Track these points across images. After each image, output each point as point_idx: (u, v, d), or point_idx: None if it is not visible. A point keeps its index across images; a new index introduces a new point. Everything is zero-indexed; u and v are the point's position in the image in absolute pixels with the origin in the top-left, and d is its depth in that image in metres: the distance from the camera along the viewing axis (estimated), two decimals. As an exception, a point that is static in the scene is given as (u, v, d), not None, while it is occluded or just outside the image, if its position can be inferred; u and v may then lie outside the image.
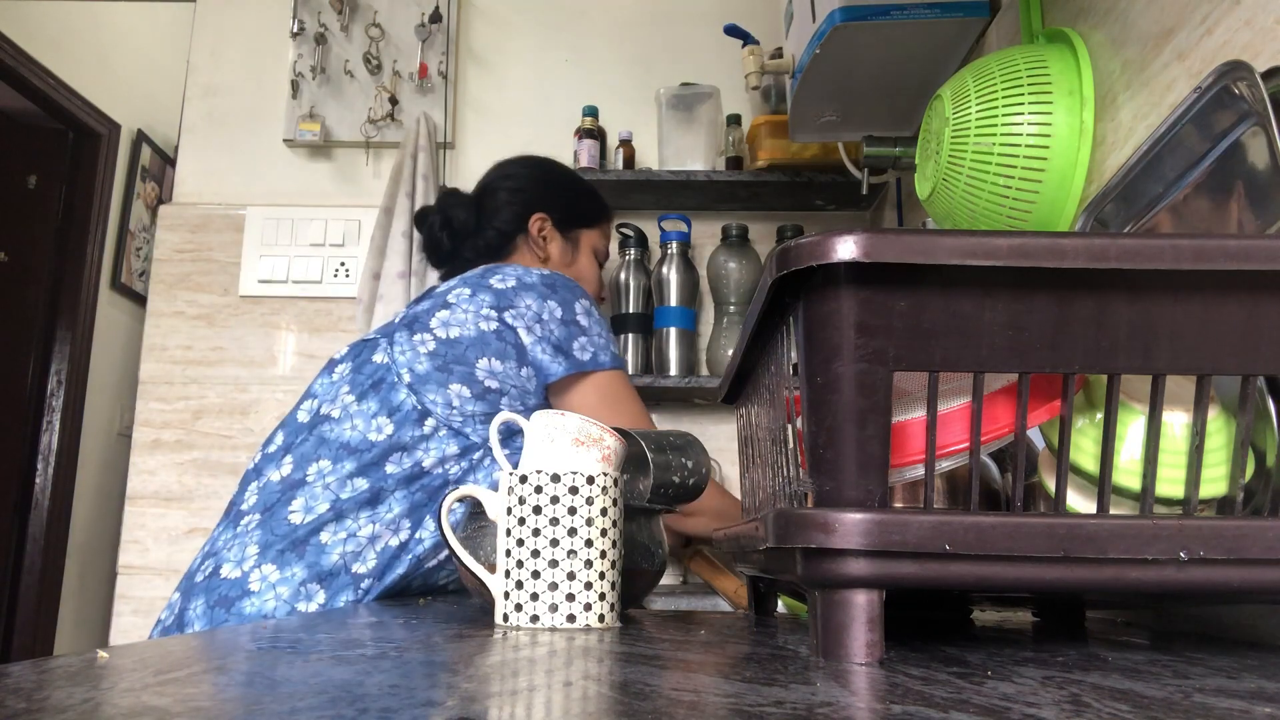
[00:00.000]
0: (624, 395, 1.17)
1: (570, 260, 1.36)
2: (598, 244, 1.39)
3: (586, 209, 1.39)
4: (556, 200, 1.36)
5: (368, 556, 1.00)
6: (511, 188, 1.39)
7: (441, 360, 1.08)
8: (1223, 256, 0.42)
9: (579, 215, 1.38)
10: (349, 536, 0.99)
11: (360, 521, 1.00)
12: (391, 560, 1.01)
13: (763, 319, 0.52)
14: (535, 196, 1.37)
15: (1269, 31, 0.63)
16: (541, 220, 1.34)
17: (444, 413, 1.06)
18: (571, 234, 1.36)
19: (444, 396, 1.06)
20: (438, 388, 1.07)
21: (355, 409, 1.06)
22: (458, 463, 1.05)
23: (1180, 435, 0.47)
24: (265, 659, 0.41)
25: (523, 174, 1.41)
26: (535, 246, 1.34)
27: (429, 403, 1.05)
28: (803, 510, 0.43)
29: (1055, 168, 0.87)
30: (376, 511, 1.01)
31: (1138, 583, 0.42)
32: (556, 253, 1.35)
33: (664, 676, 0.37)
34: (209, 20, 2.04)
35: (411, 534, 1.02)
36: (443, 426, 1.05)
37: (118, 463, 3.00)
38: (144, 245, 3.19)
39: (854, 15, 1.13)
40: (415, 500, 1.03)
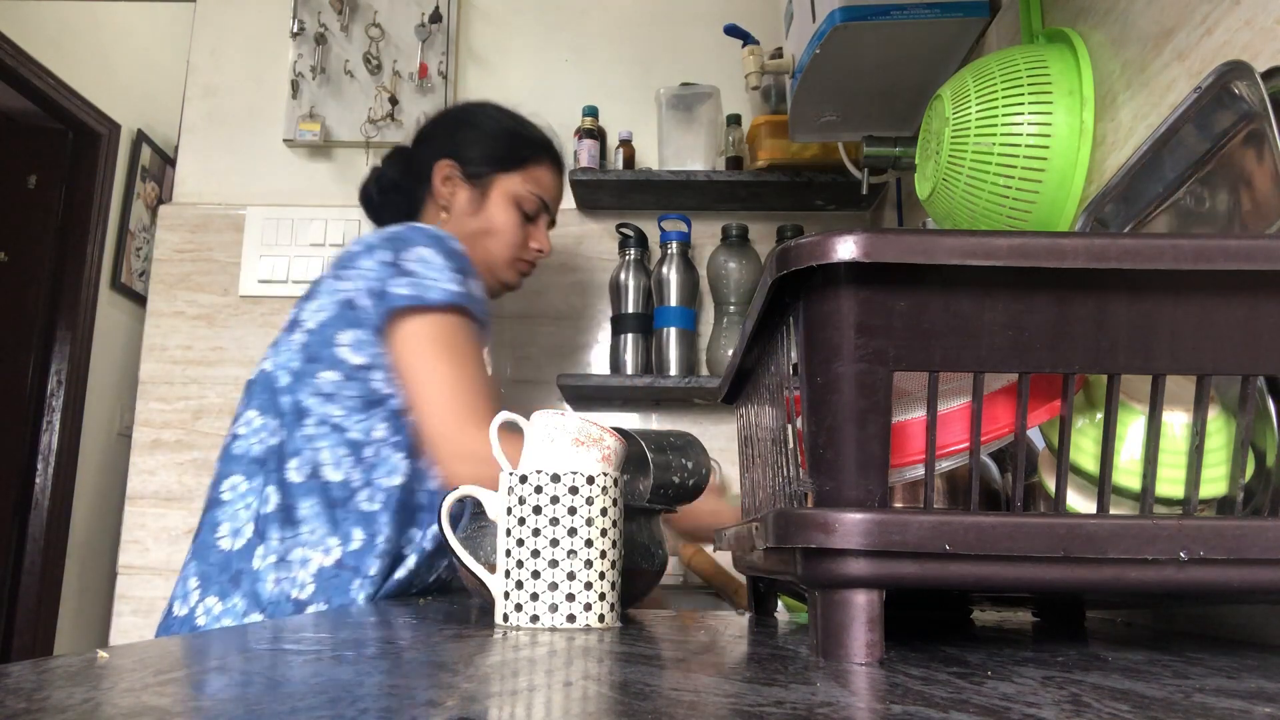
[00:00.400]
0: (447, 344, 1.01)
1: (475, 210, 1.21)
2: (519, 190, 1.22)
3: (502, 151, 1.23)
4: (465, 145, 1.22)
5: (303, 581, 0.96)
6: (421, 137, 1.27)
7: (311, 351, 1.04)
8: (1223, 256, 0.42)
9: (492, 158, 1.22)
10: (279, 561, 0.97)
11: (286, 543, 0.97)
12: (331, 581, 0.97)
13: (763, 319, 0.52)
14: (443, 144, 1.23)
15: (1269, 31, 0.63)
16: (447, 168, 1.22)
17: (321, 408, 1.01)
18: (481, 181, 1.22)
19: (314, 387, 1.02)
20: (310, 380, 1.03)
21: (256, 421, 1.04)
22: (355, 467, 1.01)
23: (1180, 435, 0.47)
24: (265, 659, 0.41)
25: (435, 121, 1.28)
26: (438, 198, 1.22)
27: (304, 402, 1.02)
28: (803, 510, 0.43)
29: (1055, 168, 0.87)
30: (298, 532, 0.98)
31: (1138, 583, 0.42)
32: (460, 203, 1.21)
33: (664, 676, 0.37)
34: (209, 20, 2.04)
35: (344, 549, 0.98)
36: (324, 424, 1.01)
37: (118, 463, 3.00)
38: (144, 245, 3.19)
39: (854, 15, 1.13)
40: (336, 517, 0.99)
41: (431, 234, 1.05)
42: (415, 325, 1.00)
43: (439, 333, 1.01)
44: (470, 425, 0.98)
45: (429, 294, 1.00)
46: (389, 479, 1.01)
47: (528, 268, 1.28)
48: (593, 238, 1.94)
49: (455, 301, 1.01)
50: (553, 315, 1.92)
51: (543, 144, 1.26)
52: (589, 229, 1.94)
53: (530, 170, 1.23)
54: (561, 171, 1.30)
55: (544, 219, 1.27)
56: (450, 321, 1.01)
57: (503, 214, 1.21)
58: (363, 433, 1.02)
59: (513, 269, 1.25)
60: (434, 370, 1.00)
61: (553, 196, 1.27)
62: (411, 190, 1.24)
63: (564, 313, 1.92)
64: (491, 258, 1.22)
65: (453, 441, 0.98)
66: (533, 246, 1.26)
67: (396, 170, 1.26)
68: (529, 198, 1.23)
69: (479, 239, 1.21)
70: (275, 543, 0.97)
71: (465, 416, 0.99)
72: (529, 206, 1.23)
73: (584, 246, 1.94)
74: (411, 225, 1.07)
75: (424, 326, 1.01)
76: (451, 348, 1.01)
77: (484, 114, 1.27)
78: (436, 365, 1.00)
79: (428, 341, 1.00)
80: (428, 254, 1.03)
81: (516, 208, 1.22)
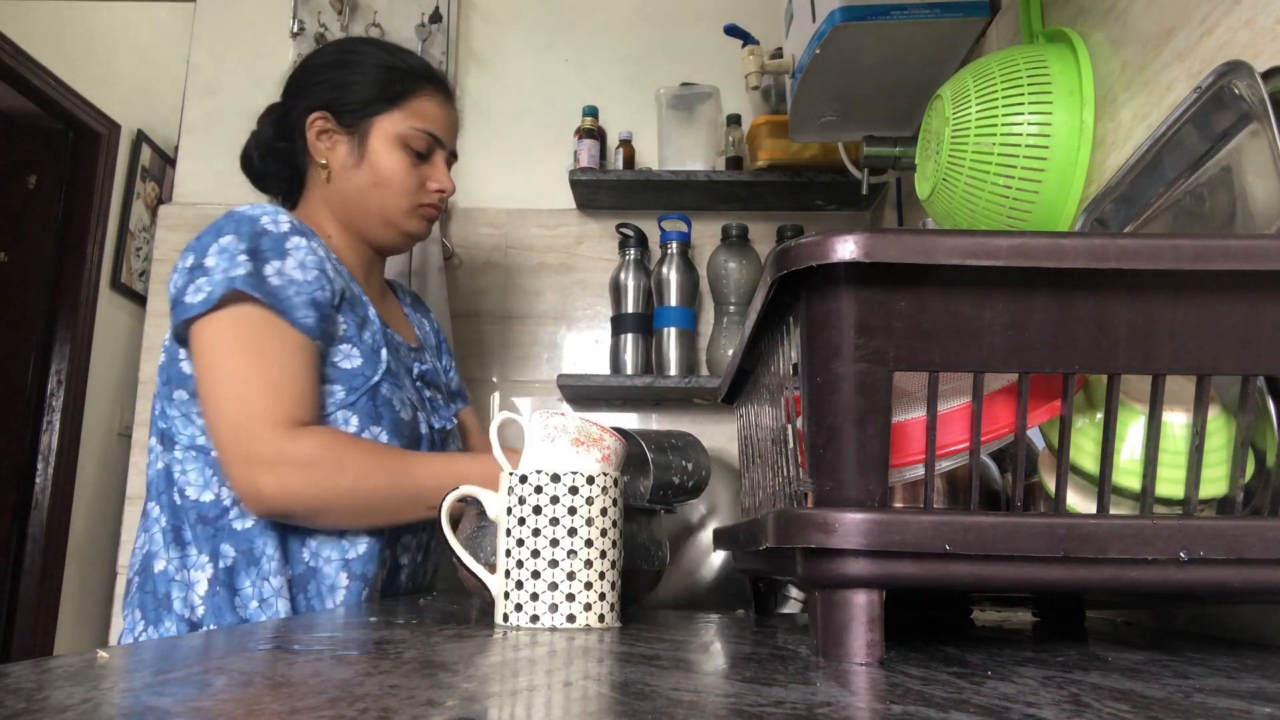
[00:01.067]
0: (228, 346, 0.90)
1: (357, 161, 1.07)
2: (402, 129, 1.07)
3: (374, 89, 1.07)
4: (332, 91, 1.08)
5: (195, 602, 0.93)
6: (288, 90, 1.12)
7: (166, 373, 0.99)
8: (1223, 256, 0.42)
9: (365, 100, 1.07)
10: (174, 582, 0.94)
11: (174, 564, 0.94)
12: (212, 600, 0.92)
13: (763, 319, 0.52)
14: (310, 95, 1.09)
15: (1269, 31, 0.63)
16: (320, 121, 1.07)
17: (184, 430, 0.96)
18: (358, 127, 1.07)
19: (175, 410, 0.97)
20: (168, 403, 0.98)
21: (155, 447, 1.00)
22: (223, 486, 0.95)
23: (1180, 435, 0.47)
24: (265, 659, 0.41)
25: (299, 70, 1.13)
26: (316, 156, 1.08)
27: (170, 426, 0.97)
28: (803, 510, 0.43)
29: (1055, 168, 0.87)
30: (186, 553, 0.94)
31: (1138, 583, 0.42)
32: (340, 158, 1.07)
33: (664, 676, 0.37)
34: (209, 20, 2.04)
35: (215, 568, 0.93)
36: (190, 447, 0.96)
37: (118, 463, 3.00)
38: (144, 245, 3.19)
39: (854, 15, 1.13)
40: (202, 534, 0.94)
41: (240, 217, 0.95)
42: (193, 332, 0.92)
43: (216, 334, 0.91)
44: (263, 427, 0.88)
45: (200, 294, 0.90)
46: None
47: (433, 212, 1.13)
48: (593, 238, 1.94)
49: (230, 291, 0.89)
50: (553, 315, 1.92)
51: (422, 73, 1.11)
52: (589, 229, 1.94)
53: (411, 104, 1.08)
54: (450, 98, 1.15)
55: (440, 155, 1.12)
56: (229, 316, 0.90)
57: (389, 159, 1.07)
58: None
59: (414, 217, 1.11)
60: (213, 377, 0.91)
61: (443, 128, 1.12)
62: (289, 152, 1.11)
63: (564, 313, 1.92)
64: (388, 210, 1.08)
65: (241, 453, 0.89)
66: (431, 188, 1.11)
67: (270, 131, 1.12)
68: (415, 135, 1.08)
69: (369, 193, 1.07)
70: (172, 565, 0.95)
71: (255, 419, 0.89)
72: (418, 145, 1.08)
73: (584, 246, 1.94)
74: (232, 212, 0.97)
75: (200, 333, 0.92)
76: (233, 346, 0.90)
77: (349, 52, 1.11)
78: (216, 370, 0.90)
79: (207, 347, 0.91)
80: (228, 242, 0.92)
81: (404, 149, 1.08)
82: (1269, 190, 0.57)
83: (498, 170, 1.96)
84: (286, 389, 0.91)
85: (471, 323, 1.92)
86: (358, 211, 1.08)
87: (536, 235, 1.94)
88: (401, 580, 1.06)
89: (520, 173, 1.96)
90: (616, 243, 1.86)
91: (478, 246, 1.94)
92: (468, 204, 1.95)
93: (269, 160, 1.13)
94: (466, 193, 1.96)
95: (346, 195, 1.07)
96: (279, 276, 0.93)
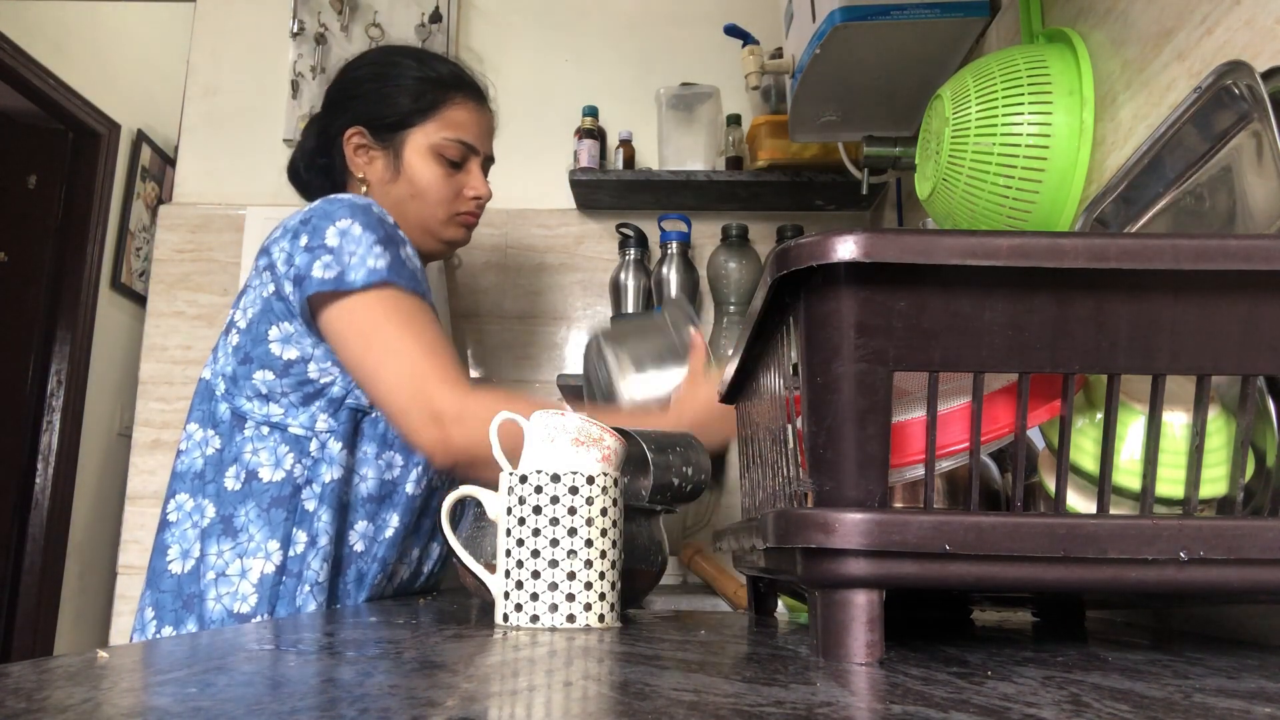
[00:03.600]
0: (383, 319, 0.94)
1: (394, 175, 1.10)
2: (435, 141, 1.10)
3: (406, 103, 1.10)
4: (366, 106, 1.10)
5: (245, 593, 0.92)
6: (327, 104, 1.15)
7: (244, 353, 0.98)
8: (1223, 256, 0.42)
9: (397, 114, 1.10)
10: (219, 576, 0.92)
11: (224, 556, 0.93)
12: (275, 589, 0.92)
13: (763, 319, 0.52)
14: (346, 110, 1.12)
15: (1269, 31, 0.63)
16: (356, 137, 1.10)
17: (260, 411, 0.97)
18: (393, 141, 1.10)
19: (253, 390, 0.97)
20: (245, 383, 0.98)
21: (197, 434, 0.99)
22: (298, 463, 0.96)
23: (1180, 435, 0.47)
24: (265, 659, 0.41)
25: (335, 84, 1.15)
26: (354, 171, 1.11)
27: (242, 407, 0.97)
28: (803, 510, 0.43)
29: (1055, 168, 0.87)
30: (238, 541, 0.93)
31: (1138, 583, 0.42)
32: (378, 172, 1.10)
33: (664, 676, 0.37)
34: (209, 20, 2.04)
35: (284, 554, 0.93)
36: (264, 424, 0.96)
37: (118, 463, 3.00)
38: (144, 245, 3.19)
39: (854, 15, 1.13)
40: (273, 519, 0.94)
41: (351, 204, 0.98)
42: (342, 310, 0.94)
43: (371, 312, 0.94)
44: (440, 386, 0.93)
45: (349, 275, 0.93)
46: (330, 472, 0.96)
47: (471, 219, 1.15)
48: (593, 238, 1.94)
49: (380, 280, 0.94)
50: (553, 315, 1.92)
51: (451, 82, 1.11)
52: (589, 229, 1.94)
53: (444, 114, 1.10)
54: (484, 101, 1.16)
55: (475, 162, 1.14)
56: (379, 297, 0.94)
57: (424, 171, 1.09)
58: (305, 428, 0.97)
59: (452, 225, 1.14)
60: (379, 348, 0.93)
61: (476, 135, 1.13)
62: (329, 167, 1.13)
63: (564, 313, 1.92)
64: (426, 220, 1.11)
65: (425, 411, 0.92)
66: (468, 195, 1.13)
67: (312, 144, 1.15)
68: (448, 145, 1.10)
69: (407, 205, 1.10)
70: (214, 558, 0.93)
71: (430, 380, 0.93)
72: (452, 154, 1.10)
73: (584, 246, 1.94)
74: (330, 198, 0.99)
75: (353, 311, 0.94)
76: (390, 321, 0.94)
77: (382, 65, 1.12)
78: (379, 343, 0.93)
79: (362, 323, 0.94)
80: (347, 226, 0.95)
81: (438, 159, 1.10)
82: (1269, 190, 0.57)
83: (498, 170, 1.95)
84: (447, 354, 0.96)
85: (471, 323, 1.92)
86: (399, 222, 1.08)
87: (536, 235, 1.94)
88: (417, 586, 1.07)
89: (520, 173, 1.96)
90: (616, 243, 1.86)
91: (478, 246, 1.94)
92: (468, 204, 1.95)
93: (312, 173, 1.15)
94: (466, 193, 1.96)
95: (386, 208, 1.08)
96: (411, 261, 0.99)
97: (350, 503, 0.98)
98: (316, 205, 0.98)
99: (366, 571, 0.98)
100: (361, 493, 0.99)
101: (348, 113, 1.11)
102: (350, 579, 0.98)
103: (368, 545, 0.99)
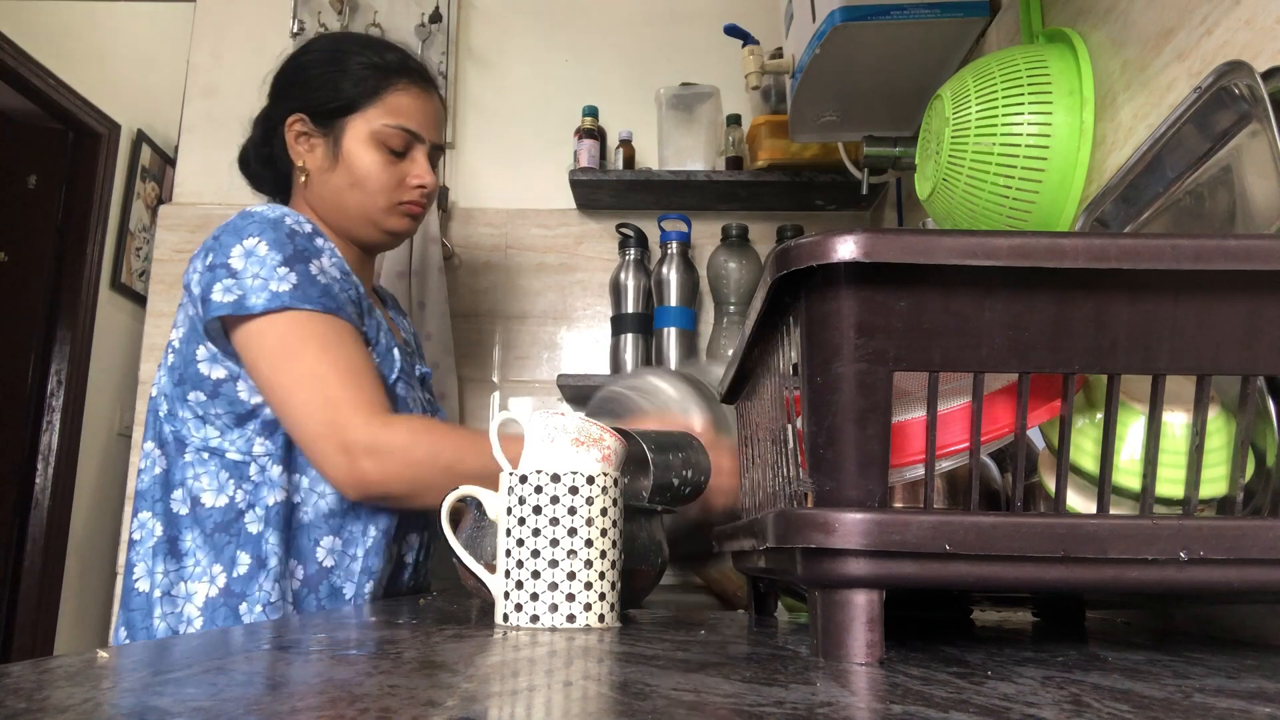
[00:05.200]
0: (297, 344, 0.90)
1: (333, 163, 1.05)
2: (376, 128, 1.04)
3: (347, 88, 1.04)
4: (306, 92, 1.05)
5: (190, 616, 0.91)
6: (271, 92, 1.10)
7: (178, 374, 0.97)
8: (1223, 256, 0.42)
9: (336, 100, 1.04)
10: (164, 595, 0.92)
11: (169, 577, 0.93)
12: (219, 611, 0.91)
13: (763, 319, 0.52)
14: (287, 97, 1.07)
15: (1269, 31, 0.63)
16: (297, 124, 1.05)
17: (198, 435, 0.96)
18: (332, 128, 1.05)
19: (190, 411, 0.96)
20: (182, 404, 0.96)
21: (150, 452, 0.99)
22: (239, 489, 0.94)
23: (1180, 435, 0.47)
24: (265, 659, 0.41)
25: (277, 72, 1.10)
26: (295, 160, 1.06)
27: (181, 430, 0.96)
28: (803, 510, 0.43)
29: (1055, 168, 0.87)
30: (182, 565, 0.93)
31: (1138, 583, 0.42)
32: (318, 160, 1.06)
33: (664, 676, 0.37)
34: (209, 20, 2.04)
35: (229, 575, 0.92)
36: (203, 449, 0.95)
37: (118, 463, 3.00)
38: (144, 245, 3.19)
39: (854, 15, 1.13)
40: (216, 543, 0.93)
41: (262, 220, 0.94)
42: (250, 333, 0.92)
43: (280, 336, 0.91)
44: (354, 414, 0.90)
45: (249, 299, 0.90)
46: (272, 495, 0.94)
47: (415, 209, 1.09)
48: (593, 238, 1.94)
49: (281, 305, 0.90)
50: (553, 315, 1.92)
51: (395, 67, 1.06)
52: (589, 229, 1.94)
53: (385, 100, 1.04)
54: (429, 86, 1.10)
55: (419, 149, 1.08)
56: (285, 320, 0.90)
57: (364, 159, 1.04)
58: (243, 453, 0.95)
59: (395, 214, 1.08)
60: (287, 374, 0.90)
61: (421, 122, 1.07)
62: (271, 156, 1.09)
63: (564, 313, 1.92)
64: (367, 210, 1.06)
65: (335, 441, 0.89)
66: (411, 183, 1.07)
67: (258, 133, 1.11)
68: (390, 133, 1.04)
69: (346, 194, 1.05)
70: (160, 576, 0.93)
71: (343, 408, 0.90)
72: (394, 143, 1.05)
73: (584, 246, 1.94)
74: (245, 211, 0.97)
75: (262, 334, 0.91)
76: (303, 345, 0.90)
77: (323, 51, 1.08)
78: (286, 368, 0.90)
79: (271, 348, 0.91)
80: (254, 245, 0.92)
81: (379, 147, 1.04)
82: (1269, 190, 0.57)
83: (498, 170, 1.96)
84: (364, 380, 0.92)
85: (471, 323, 1.92)
86: (338, 213, 1.06)
87: (536, 235, 1.94)
88: (405, 579, 1.06)
89: (520, 173, 1.96)
90: (616, 243, 1.86)
91: (478, 246, 1.94)
92: (468, 204, 1.95)
93: (259, 163, 1.12)
94: (466, 193, 1.96)
95: (325, 198, 1.06)
96: (323, 275, 0.95)
97: (309, 521, 0.96)
98: (231, 220, 0.96)
99: (342, 585, 0.97)
100: (322, 509, 0.97)
101: (290, 99, 1.06)
102: (324, 594, 0.96)
103: (339, 560, 0.97)
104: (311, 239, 0.97)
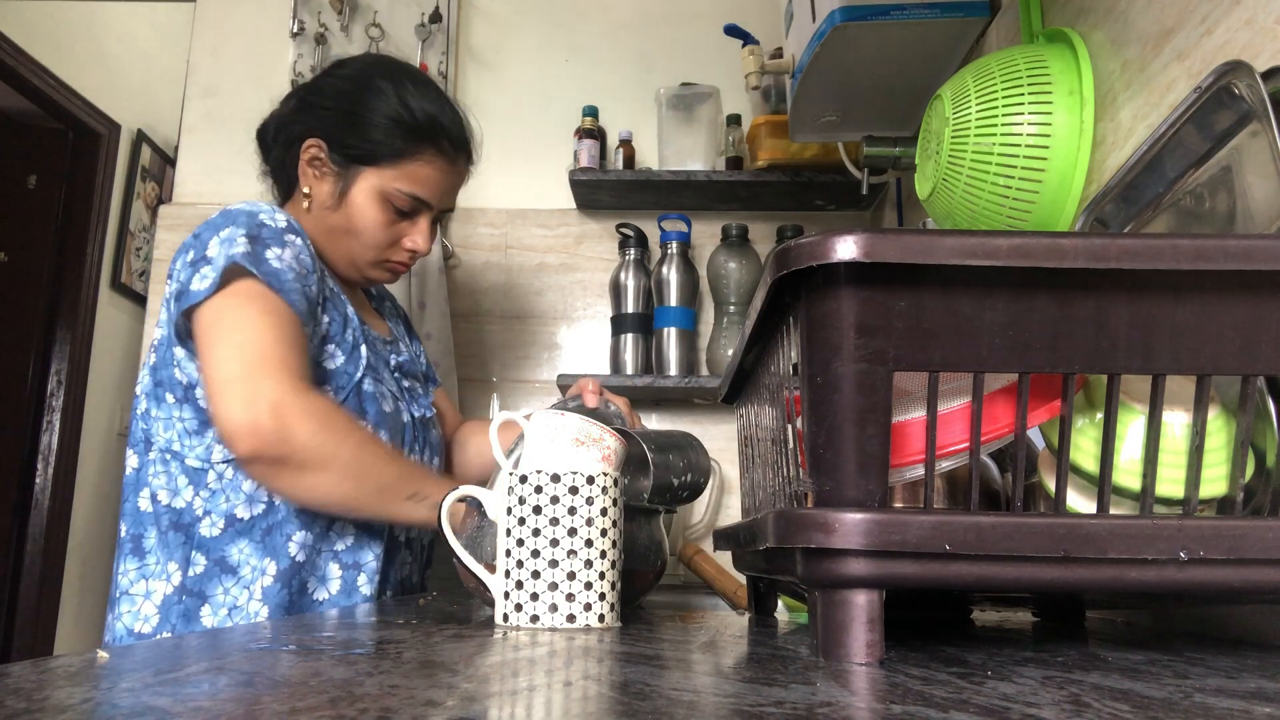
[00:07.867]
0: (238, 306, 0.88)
1: (335, 204, 1.03)
2: (388, 188, 1.02)
3: (377, 141, 1.02)
4: (337, 124, 1.03)
5: (147, 614, 0.91)
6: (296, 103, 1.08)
7: (157, 374, 0.97)
8: (1223, 256, 0.42)
9: (361, 148, 1.02)
10: (123, 595, 0.93)
11: (130, 576, 0.93)
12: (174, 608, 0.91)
13: (763, 319, 0.52)
14: (317, 116, 1.04)
15: (1269, 31, 0.63)
16: (314, 149, 1.03)
17: (164, 436, 0.95)
18: (346, 170, 1.03)
19: (162, 412, 0.96)
20: (156, 404, 0.96)
21: (129, 452, 0.99)
22: (197, 495, 0.94)
23: (1180, 435, 0.47)
24: (265, 659, 0.41)
25: (321, 83, 1.08)
26: (302, 180, 1.04)
27: (151, 429, 0.96)
28: (803, 510, 0.43)
29: (1055, 168, 0.87)
30: (144, 563, 0.93)
31: (1138, 583, 0.42)
32: (322, 194, 1.03)
33: (664, 676, 0.37)
34: (209, 20, 2.04)
35: (184, 574, 0.92)
36: (165, 452, 0.95)
37: (117, 463, 3.00)
38: (144, 245, 3.19)
39: (854, 15, 1.13)
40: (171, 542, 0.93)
41: (239, 213, 0.94)
42: (199, 315, 0.90)
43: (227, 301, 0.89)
44: (275, 371, 0.86)
45: (202, 284, 0.89)
46: (232, 498, 0.93)
47: (401, 268, 1.09)
48: (593, 238, 1.94)
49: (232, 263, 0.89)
50: (553, 315, 1.92)
51: (426, 131, 1.03)
52: (589, 229, 1.94)
53: (407, 165, 1.02)
54: (459, 158, 1.08)
55: (425, 215, 1.06)
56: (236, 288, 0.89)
57: (366, 213, 1.02)
58: (202, 460, 0.94)
59: (379, 269, 1.07)
60: (221, 331, 0.88)
61: (435, 192, 1.06)
62: (282, 159, 1.07)
63: (564, 313, 1.92)
64: (354, 256, 1.05)
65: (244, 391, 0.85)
66: (405, 245, 1.06)
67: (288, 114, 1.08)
68: (400, 196, 1.02)
69: (340, 237, 1.04)
70: (121, 576, 0.93)
71: (266, 364, 0.86)
72: (402, 205, 1.03)
73: (584, 246, 1.94)
74: (226, 209, 0.96)
75: (205, 315, 0.89)
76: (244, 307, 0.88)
77: (364, 88, 1.04)
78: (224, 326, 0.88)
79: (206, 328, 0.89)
80: (229, 234, 0.92)
81: (384, 205, 1.03)
82: (1269, 190, 0.57)
83: (498, 170, 1.96)
84: (293, 351, 0.90)
85: (471, 323, 1.92)
86: (327, 245, 1.06)
87: (536, 235, 1.94)
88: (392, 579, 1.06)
89: (520, 173, 1.96)
90: (616, 243, 1.86)
91: (478, 246, 1.94)
92: (468, 204, 1.95)
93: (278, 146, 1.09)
94: (466, 193, 1.95)
95: (318, 230, 1.05)
96: (278, 261, 0.93)
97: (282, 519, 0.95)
98: (213, 217, 0.96)
99: (328, 577, 0.97)
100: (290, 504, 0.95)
101: (314, 119, 1.05)
102: (294, 589, 0.95)
103: (310, 556, 0.95)
104: (282, 234, 0.95)
